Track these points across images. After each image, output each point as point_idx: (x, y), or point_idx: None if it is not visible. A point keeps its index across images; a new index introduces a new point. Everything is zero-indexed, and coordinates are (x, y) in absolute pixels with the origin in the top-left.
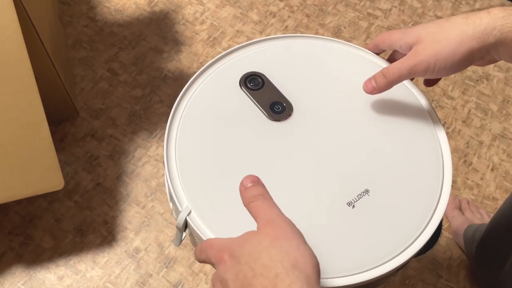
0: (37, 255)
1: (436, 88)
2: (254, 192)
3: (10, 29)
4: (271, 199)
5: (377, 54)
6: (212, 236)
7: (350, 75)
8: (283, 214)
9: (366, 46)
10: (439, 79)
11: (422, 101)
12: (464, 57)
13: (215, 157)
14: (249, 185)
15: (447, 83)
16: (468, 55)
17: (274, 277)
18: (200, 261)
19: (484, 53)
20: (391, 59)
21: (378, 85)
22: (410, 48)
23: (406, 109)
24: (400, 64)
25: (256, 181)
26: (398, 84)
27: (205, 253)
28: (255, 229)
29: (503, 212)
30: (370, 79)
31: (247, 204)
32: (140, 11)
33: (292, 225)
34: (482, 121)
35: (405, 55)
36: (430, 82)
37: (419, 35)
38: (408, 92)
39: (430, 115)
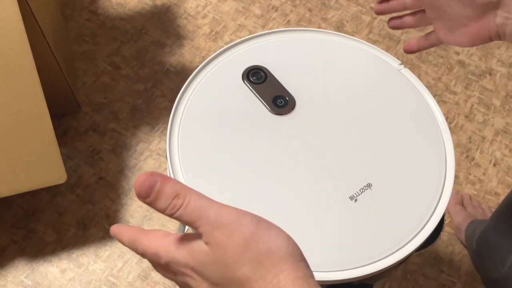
0: (39, 248)
1: (439, 83)
2: (167, 200)
3: (12, 23)
4: (191, 191)
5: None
6: None
7: (353, 69)
8: (228, 209)
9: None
10: (432, 45)
11: (425, 96)
12: None
13: (217, 151)
14: (153, 190)
15: (450, 78)
16: None
17: None
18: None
19: None
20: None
21: None
22: None
23: (409, 104)
24: None
25: (155, 182)
26: (402, 78)
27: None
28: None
29: (503, 208)
30: None
31: (171, 216)
32: (142, 4)
33: (234, 218)
34: (485, 116)
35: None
36: (423, 43)
37: None
38: (411, 87)
39: (433, 110)
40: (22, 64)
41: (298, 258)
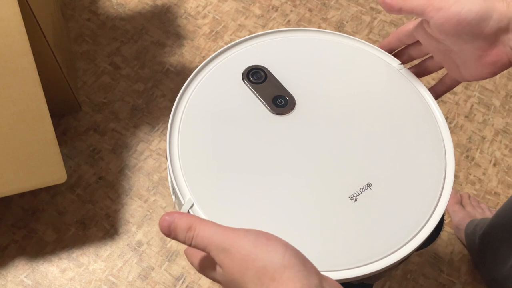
0: (40, 248)
1: None
2: (182, 233)
3: (13, 23)
4: (200, 222)
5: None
6: None
7: (353, 68)
8: (229, 232)
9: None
10: (449, 88)
11: (425, 96)
12: (483, 8)
13: (217, 150)
14: (171, 228)
15: None
16: (488, 9)
17: None
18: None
19: (503, 19)
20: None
21: (395, 2)
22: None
23: (409, 103)
24: None
25: (172, 221)
26: (402, 78)
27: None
28: (259, 220)
29: (509, 207)
30: None
31: (190, 246)
32: (142, 4)
33: (233, 242)
34: (485, 116)
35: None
36: (440, 88)
37: None
38: (411, 86)
39: (433, 110)
40: (22, 64)
41: (296, 269)
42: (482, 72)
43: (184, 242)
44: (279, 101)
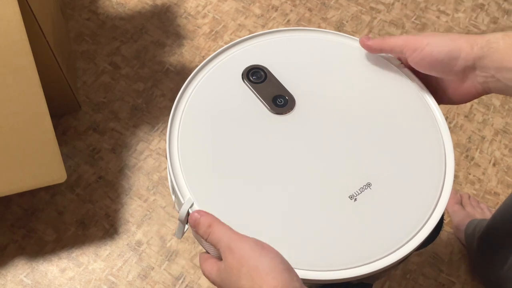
0: (39, 247)
1: None
2: (203, 228)
3: (12, 22)
4: (218, 223)
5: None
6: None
7: (353, 68)
8: (236, 236)
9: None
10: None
11: (425, 96)
12: (451, 50)
13: (217, 150)
14: (196, 222)
15: None
16: (455, 50)
17: None
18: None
19: (469, 58)
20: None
21: (373, 41)
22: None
23: (408, 103)
24: (397, 36)
25: (199, 217)
26: (402, 78)
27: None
28: (258, 219)
29: (507, 207)
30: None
31: (206, 240)
32: (142, 4)
33: (242, 243)
34: (485, 116)
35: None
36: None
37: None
38: (411, 87)
39: (433, 110)
40: (22, 64)
41: (280, 271)
42: (458, 99)
43: (202, 236)
44: (279, 100)
